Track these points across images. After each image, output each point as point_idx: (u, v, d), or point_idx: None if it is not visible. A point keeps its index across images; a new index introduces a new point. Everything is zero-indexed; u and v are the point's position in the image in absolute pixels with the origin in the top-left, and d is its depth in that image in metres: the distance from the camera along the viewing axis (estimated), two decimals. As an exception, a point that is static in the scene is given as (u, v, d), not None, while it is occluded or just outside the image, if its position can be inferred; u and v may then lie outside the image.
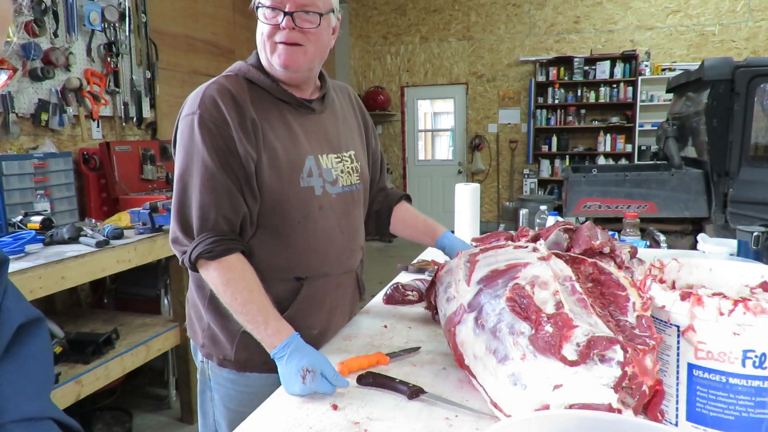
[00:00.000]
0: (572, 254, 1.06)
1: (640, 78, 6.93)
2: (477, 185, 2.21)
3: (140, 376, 3.23)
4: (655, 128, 5.35)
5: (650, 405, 0.77)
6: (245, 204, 1.14)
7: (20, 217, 2.49)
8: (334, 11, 1.20)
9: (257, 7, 1.15)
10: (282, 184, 1.16)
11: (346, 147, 1.31)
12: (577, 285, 0.89)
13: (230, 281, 1.10)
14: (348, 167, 1.29)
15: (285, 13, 1.12)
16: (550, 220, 2.14)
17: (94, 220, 2.92)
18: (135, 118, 3.84)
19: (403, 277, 1.74)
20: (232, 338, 1.21)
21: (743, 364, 0.72)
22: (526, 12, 7.50)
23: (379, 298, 1.53)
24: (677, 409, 0.79)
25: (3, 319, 0.65)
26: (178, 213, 1.15)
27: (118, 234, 2.47)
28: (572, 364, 0.76)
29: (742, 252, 1.65)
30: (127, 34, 3.70)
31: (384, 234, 1.51)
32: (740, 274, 0.90)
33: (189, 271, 1.19)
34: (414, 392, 0.98)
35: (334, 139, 1.29)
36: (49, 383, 0.69)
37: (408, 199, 1.55)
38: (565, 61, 7.27)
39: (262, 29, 1.16)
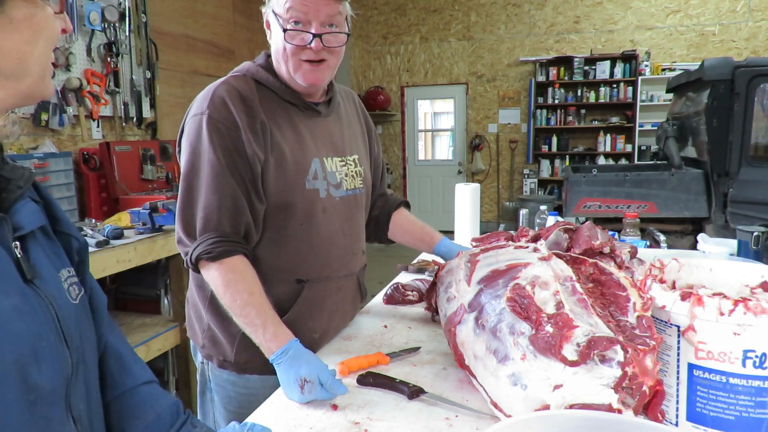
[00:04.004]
0: (573, 254, 1.06)
1: (640, 78, 6.92)
2: (477, 185, 2.21)
3: (140, 376, 3.22)
4: (655, 128, 5.35)
5: (650, 405, 0.77)
6: (251, 206, 1.14)
7: (20, 217, 2.49)
8: (348, 16, 1.19)
9: (284, 30, 1.12)
10: (287, 185, 1.16)
11: (350, 151, 1.31)
12: (577, 285, 0.89)
13: (230, 283, 1.10)
14: (352, 171, 1.29)
15: (313, 35, 1.11)
16: (550, 220, 2.14)
17: (94, 220, 2.93)
18: (135, 118, 3.84)
19: (403, 277, 1.74)
20: (233, 340, 1.20)
21: (743, 364, 0.72)
22: (526, 12, 7.50)
23: (379, 298, 1.53)
24: (677, 409, 0.79)
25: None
26: (181, 213, 1.14)
27: (118, 234, 2.47)
28: (572, 364, 0.76)
29: (742, 252, 1.65)
30: (127, 34, 3.70)
31: (382, 239, 1.51)
32: (740, 274, 0.90)
33: (190, 271, 1.19)
34: (414, 392, 0.98)
35: (338, 143, 1.29)
36: None
37: (407, 205, 1.55)
38: (565, 61, 7.27)
39: (285, 45, 1.14)
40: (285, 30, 1.12)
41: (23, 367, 0.57)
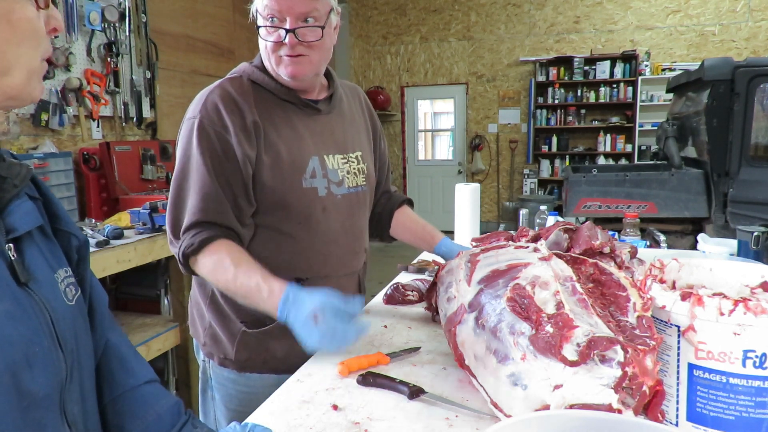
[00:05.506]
0: (573, 254, 1.06)
1: (640, 78, 6.93)
2: (477, 185, 2.20)
3: (140, 376, 3.22)
4: (655, 128, 5.35)
5: (650, 405, 0.77)
6: (238, 209, 1.14)
7: (20, 217, 2.49)
8: (332, 10, 1.18)
9: (258, 27, 1.14)
10: (283, 184, 1.16)
11: (353, 148, 1.31)
12: (577, 285, 0.89)
13: (215, 265, 1.09)
14: (354, 168, 1.29)
15: (287, 31, 1.11)
16: (550, 220, 2.14)
17: (94, 220, 2.93)
18: (135, 118, 3.84)
19: (403, 277, 1.74)
20: (233, 338, 1.21)
21: (743, 364, 0.72)
22: (526, 12, 7.50)
23: (379, 298, 1.53)
24: (677, 409, 0.79)
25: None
26: (170, 215, 1.16)
27: (118, 234, 2.47)
28: (572, 364, 0.76)
29: (742, 252, 1.65)
30: (127, 34, 3.70)
31: (384, 237, 1.51)
32: (740, 274, 0.90)
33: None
34: (414, 392, 0.98)
35: (340, 140, 1.28)
36: None
37: (410, 203, 1.55)
38: (565, 61, 7.27)
39: (265, 42, 1.15)
40: (260, 27, 1.14)
41: (16, 374, 0.56)
